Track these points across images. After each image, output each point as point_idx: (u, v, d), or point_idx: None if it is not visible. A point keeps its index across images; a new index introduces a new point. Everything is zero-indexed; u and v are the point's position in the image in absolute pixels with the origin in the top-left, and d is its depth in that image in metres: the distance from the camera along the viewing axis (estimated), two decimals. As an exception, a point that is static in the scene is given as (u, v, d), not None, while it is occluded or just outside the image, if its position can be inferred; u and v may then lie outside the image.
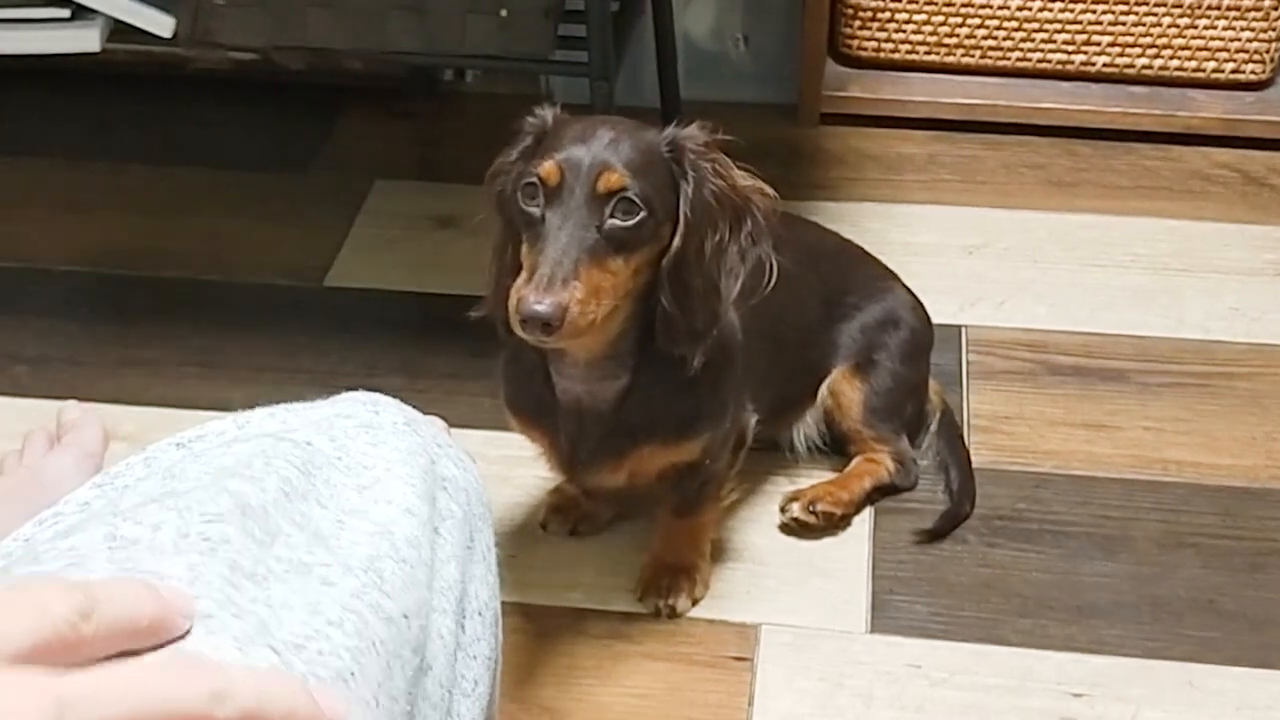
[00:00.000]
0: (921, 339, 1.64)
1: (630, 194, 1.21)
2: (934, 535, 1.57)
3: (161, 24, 1.69)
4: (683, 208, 1.25)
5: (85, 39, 1.69)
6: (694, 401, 1.37)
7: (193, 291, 1.95)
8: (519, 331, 1.19)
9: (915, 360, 1.63)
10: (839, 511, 1.56)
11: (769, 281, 1.31)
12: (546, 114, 1.29)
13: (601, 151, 1.22)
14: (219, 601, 0.69)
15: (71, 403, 1.56)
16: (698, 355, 1.31)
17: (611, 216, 1.21)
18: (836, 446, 1.63)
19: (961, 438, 1.66)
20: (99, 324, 1.89)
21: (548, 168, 1.21)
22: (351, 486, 0.81)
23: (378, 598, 0.76)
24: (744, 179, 1.30)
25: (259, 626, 0.69)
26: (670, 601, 1.48)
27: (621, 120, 1.28)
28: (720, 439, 1.42)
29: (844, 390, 1.59)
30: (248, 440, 0.82)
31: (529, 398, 1.40)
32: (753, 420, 1.46)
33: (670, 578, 1.49)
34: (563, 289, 1.17)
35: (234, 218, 2.09)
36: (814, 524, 1.55)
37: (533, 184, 1.22)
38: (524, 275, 1.20)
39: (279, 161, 2.22)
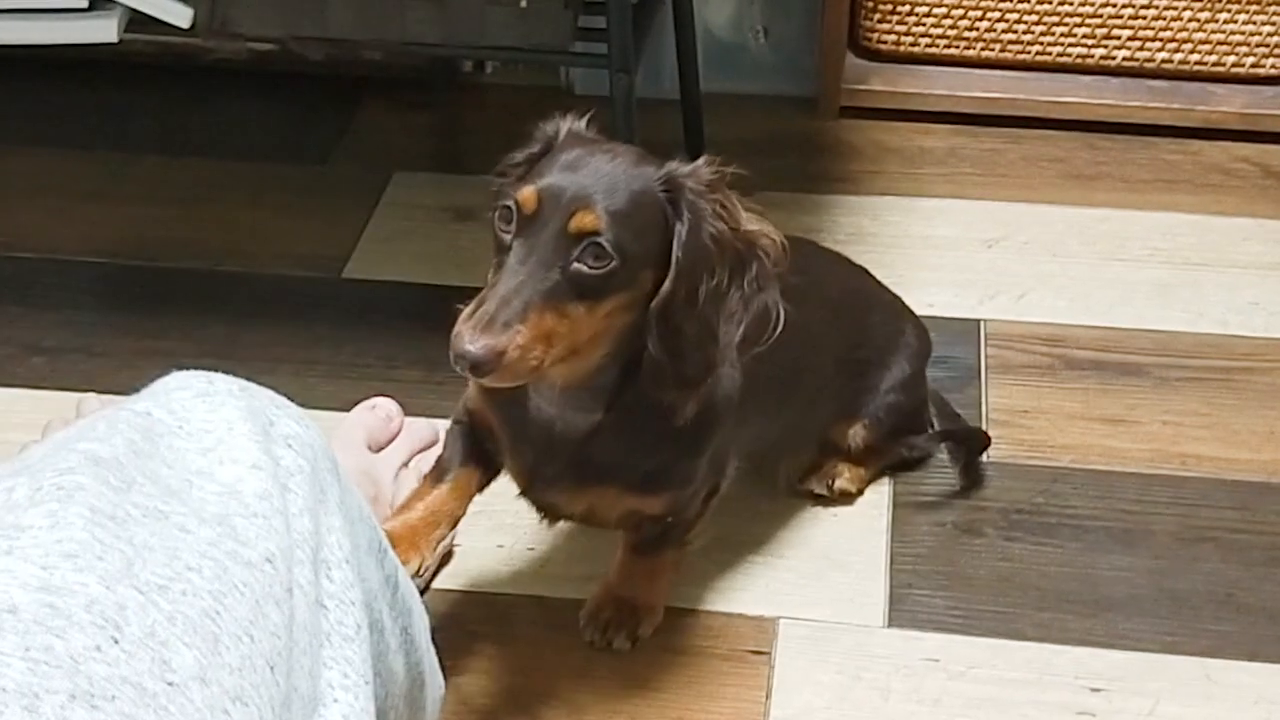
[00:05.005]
0: (924, 360, 1.60)
1: (602, 239, 1.11)
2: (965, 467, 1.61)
3: (179, 14, 1.69)
4: (675, 250, 1.15)
5: (103, 29, 1.69)
6: (665, 458, 1.29)
7: (210, 283, 1.95)
8: (452, 365, 1.12)
9: (919, 387, 1.60)
10: (854, 489, 1.57)
11: (775, 331, 1.21)
12: (561, 125, 1.21)
13: (586, 185, 1.13)
14: (82, 542, 0.71)
15: (90, 394, 1.57)
16: (690, 404, 1.23)
17: (577, 260, 1.11)
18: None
19: (949, 404, 1.66)
20: (116, 315, 1.89)
21: (526, 194, 1.13)
22: (195, 450, 0.83)
23: (234, 546, 0.78)
24: (752, 221, 1.20)
25: (124, 565, 0.71)
26: (608, 636, 1.42)
27: (626, 151, 1.18)
28: (687, 497, 1.34)
29: (855, 437, 1.55)
30: (85, 418, 0.84)
31: (504, 400, 1.30)
32: (732, 469, 1.39)
33: (614, 611, 1.42)
34: (502, 332, 1.09)
35: (252, 209, 2.09)
36: (825, 496, 1.57)
37: (509, 208, 1.13)
38: (470, 306, 1.12)
39: (297, 153, 2.22)
